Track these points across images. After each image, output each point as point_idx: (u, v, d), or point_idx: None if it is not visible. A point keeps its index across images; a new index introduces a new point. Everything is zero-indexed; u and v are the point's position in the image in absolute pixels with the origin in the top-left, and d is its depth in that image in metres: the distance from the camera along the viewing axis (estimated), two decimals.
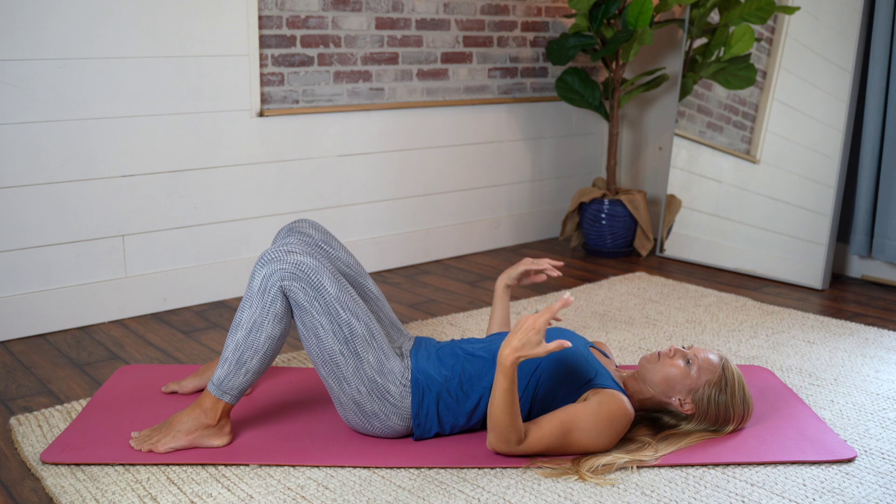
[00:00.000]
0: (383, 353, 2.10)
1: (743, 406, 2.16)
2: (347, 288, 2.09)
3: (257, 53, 3.39)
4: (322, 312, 2.04)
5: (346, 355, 2.06)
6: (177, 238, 3.31)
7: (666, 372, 2.13)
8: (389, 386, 2.10)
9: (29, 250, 2.99)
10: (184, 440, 2.10)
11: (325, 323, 2.04)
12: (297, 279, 2.02)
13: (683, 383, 2.12)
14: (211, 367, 2.43)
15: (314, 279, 2.02)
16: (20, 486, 2.00)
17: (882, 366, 2.73)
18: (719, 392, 2.12)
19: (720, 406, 2.13)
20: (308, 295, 2.03)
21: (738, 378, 2.15)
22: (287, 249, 2.04)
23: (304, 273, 2.02)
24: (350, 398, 2.11)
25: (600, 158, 4.70)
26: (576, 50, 4.06)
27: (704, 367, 2.13)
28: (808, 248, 3.67)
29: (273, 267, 2.02)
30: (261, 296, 2.03)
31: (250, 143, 3.44)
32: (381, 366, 2.09)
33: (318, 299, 2.03)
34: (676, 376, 2.12)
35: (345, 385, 2.09)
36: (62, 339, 3.00)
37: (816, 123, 3.67)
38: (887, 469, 2.07)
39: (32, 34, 2.89)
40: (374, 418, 2.12)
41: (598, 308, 3.30)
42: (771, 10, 3.74)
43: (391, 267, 3.92)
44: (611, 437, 2.06)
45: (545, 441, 2.03)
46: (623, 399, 2.07)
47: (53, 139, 2.99)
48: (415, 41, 3.86)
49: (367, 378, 2.08)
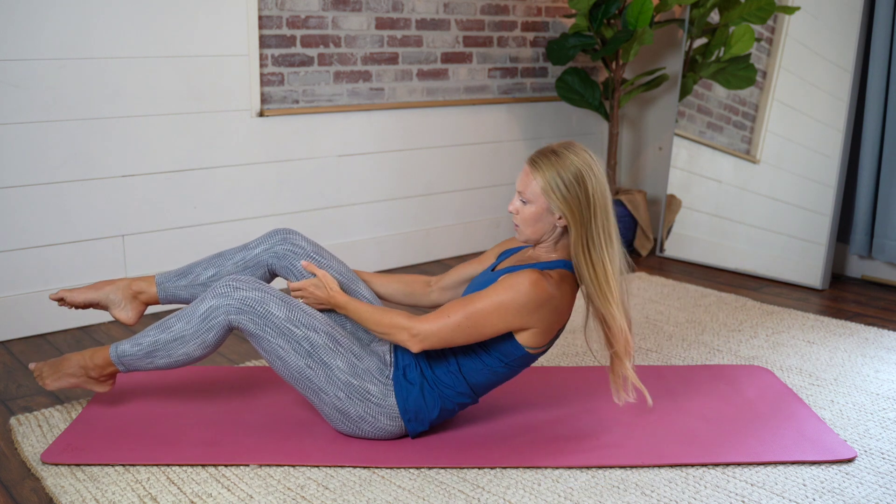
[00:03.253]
0: (353, 354, 2.12)
1: (588, 168, 2.06)
2: (298, 305, 2.12)
3: (257, 53, 3.39)
4: (277, 335, 2.08)
5: (313, 367, 2.09)
6: (177, 238, 3.31)
7: (526, 222, 2.10)
8: (368, 386, 2.11)
9: (29, 250, 2.99)
10: (67, 381, 2.25)
11: (282, 344, 2.08)
12: (243, 312, 2.08)
13: (538, 215, 2.08)
14: (113, 283, 2.38)
15: (260, 309, 2.08)
16: (20, 486, 2.00)
17: (882, 366, 2.73)
18: (561, 183, 2.04)
19: (570, 186, 2.04)
20: (257, 324, 2.08)
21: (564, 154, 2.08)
22: (235, 286, 2.10)
23: (250, 306, 2.08)
24: (332, 407, 2.12)
25: (600, 158, 4.70)
26: (576, 50, 4.06)
27: (533, 190, 2.07)
28: (807, 248, 3.67)
29: (220, 301, 2.09)
30: (200, 321, 2.11)
31: (250, 143, 3.44)
32: (353, 368, 2.10)
33: (268, 325, 2.08)
34: (530, 215, 2.08)
35: (323, 396, 2.11)
36: (62, 339, 3.00)
37: (816, 123, 3.67)
38: (887, 469, 2.07)
39: (32, 34, 2.89)
40: (362, 422, 2.13)
41: None
42: (771, 10, 3.74)
43: (391, 267, 3.92)
44: (519, 300, 2.01)
45: (450, 316, 2.03)
46: (527, 272, 2.03)
47: (53, 139, 2.99)
48: (415, 41, 3.86)
49: (341, 383, 2.09)
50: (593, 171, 2.06)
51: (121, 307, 2.34)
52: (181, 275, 2.35)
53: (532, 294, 2.01)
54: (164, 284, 2.35)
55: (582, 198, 2.05)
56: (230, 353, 2.86)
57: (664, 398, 2.45)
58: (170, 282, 2.34)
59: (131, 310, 2.35)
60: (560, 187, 2.05)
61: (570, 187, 2.05)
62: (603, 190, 2.07)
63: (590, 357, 2.80)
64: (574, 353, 2.83)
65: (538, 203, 2.07)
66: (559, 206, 2.05)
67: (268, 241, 2.35)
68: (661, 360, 2.77)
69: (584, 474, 2.04)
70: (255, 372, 2.66)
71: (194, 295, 2.33)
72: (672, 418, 2.31)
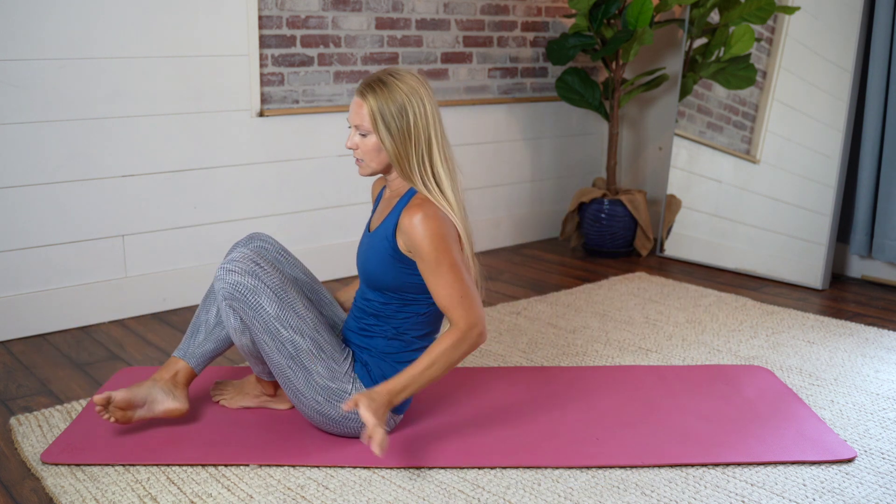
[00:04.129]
0: (333, 360, 2.11)
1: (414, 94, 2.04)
2: (291, 304, 2.08)
3: (257, 53, 3.39)
4: (263, 331, 2.07)
5: (294, 369, 2.09)
6: (177, 238, 3.31)
7: (369, 154, 2.09)
8: (345, 386, 2.11)
9: (29, 250, 2.99)
10: (248, 402, 2.38)
11: (268, 340, 2.07)
12: (235, 300, 2.06)
13: (379, 145, 2.06)
14: (142, 384, 2.21)
15: (251, 300, 2.05)
16: (20, 486, 2.00)
17: (882, 366, 2.73)
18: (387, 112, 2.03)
19: (395, 117, 2.04)
20: (247, 315, 2.07)
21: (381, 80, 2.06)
22: (228, 268, 2.07)
23: (242, 294, 2.05)
24: (313, 410, 2.13)
25: (600, 158, 4.70)
26: (576, 50, 4.06)
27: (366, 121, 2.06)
28: (807, 248, 3.67)
29: (217, 285, 2.09)
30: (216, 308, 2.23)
31: (250, 143, 3.44)
32: (331, 373, 2.10)
33: (257, 319, 2.06)
34: (373, 146, 2.07)
35: (302, 398, 2.12)
36: (62, 339, 3.00)
37: (816, 123, 3.67)
38: (887, 469, 2.07)
39: (32, 34, 2.89)
40: (346, 421, 2.13)
41: (598, 308, 3.30)
42: (771, 10, 3.74)
43: None
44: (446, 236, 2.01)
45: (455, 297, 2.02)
46: (417, 218, 2.01)
47: (53, 139, 2.99)
48: (415, 41, 3.86)
49: (320, 387, 2.10)
50: (420, 98, 2.05)
51: (170, 398, 2.19)
52: (192, 334, 2.26)
53: (439, 226, 2.01)
54: (188, 354, 2.23)
55: (403, 128, 2.04)
56: (230, 352, 2.86)
57: (664, 398, 2.45)
58: (190, 348, 2.24)
59: (180, 396, 2.20)
60: (387, 116, 2.03)
61: (393, 117, 2.04)
62: (427, 119, 2.05)
63: (589, 357, 2.80)
64: (574, 353, 2.83)
65: (374, 135, 2.07)
66: (386, 138, 2.05)
67: (236, 249, 2.27)
68: (661, 360, 2.77)
69: (584, 474, 2.04)
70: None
71: (219, 338, 2.25)
72: (672, 418, 2.31)
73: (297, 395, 2.12)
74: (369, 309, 2.17)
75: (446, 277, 2.02)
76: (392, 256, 2.09)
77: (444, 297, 2.03)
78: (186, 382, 2.23)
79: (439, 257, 2.01)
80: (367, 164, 2.13)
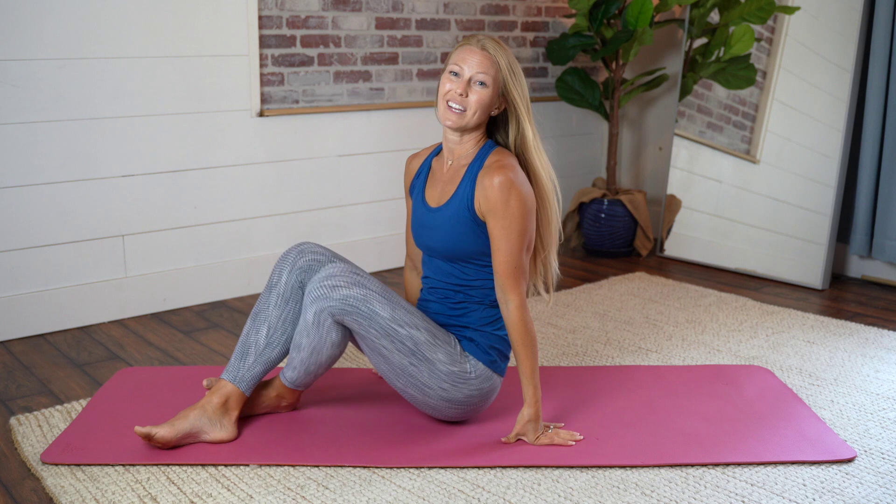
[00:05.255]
0: (447, 344, 2.13)
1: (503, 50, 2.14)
2: (398, 301, 2.10)
3: (257, 53, 3.39)
4: (381, 336, 2.07)
5: (417, 365, 2.10)
6: (177, 238, 3.31)
7: (481, 106, 2.11)
8: (464, 367, 2.14)
9: (29, 250, 2.99)
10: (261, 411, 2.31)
11: (386, 344, 2.08)
12: (347, 313, 2.05)
13: (492, 99, 2.12)
14: (194, 409, 2.16)
15: (364, 309, 2.05)
16: (20, 486, 2.00)
17: (882, 366, 2.73)
18: (513, 69, 2.12)
19: (518, 75, 2.13)
20: (362, 325, 2.06)
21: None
22: (332, 284, 2.05)
23: (353, 306, 2.04)
24: (439, 399, 2.14)
25: (600, 158, 4.70)
26: (576, 50, 4.06)
27: (493, 74, 2.10)
28: (808, 248, 3.67)
29: (322, 304, 2.05)
30: (316, 328, 2.08)
31: (250, 143, 3.44)
32: (450, 357, 2.12)
33: (372, 326, 2.06)
34: (487, 98, 2.10)
35: (427, 391, 2.13)
36: (62, 339, 3.00)
37: (816, 123, 3.67)
38: (887, 469, 2.07)
39: (32, 34, 2.89)
40: (469, 401, 2.16)
41: (598, 308, 3.30)
42: (771, 10, 3.74)
43: (391, 267, 3.91)
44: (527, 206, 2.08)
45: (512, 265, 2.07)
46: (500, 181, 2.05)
47: (53, 139, 2.99)
48: (415, 41, 3.86)
49: (444, 374, 2.11)
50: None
51: (217, 429, 2.14)
52: (242, 356, 2.19)
53: (523, 193, 2.07)
54: (238, 377, 2.17)
55: (524, 87, 2.15)
56: (230, 352, 2.86)
57: (664, 398, 2.45)
58: (241, 371, 2.18)
59: (228, 426, 2.16)
60: (514, 73, 2.12)
61: (519, 76, 2.13)
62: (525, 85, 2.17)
63: (589, 357, 2.80)
64: (574, 353, 2.83)
65: (493, 88, 2.11)
66: (518, 94, 2.12)
67: (287, 263, 2.24)
68: (661, 360, 2.77)
69: (584, 474, 2.04)
70: None
71: (268, 361, 2.20)
72: (672, 418, 2.31)
73: (421, 390, 2.13)
74: (454, 285, 2.19)
75: (514, 244, 2.06)
76: (473, 221, 2.12)
77: (503, 265, 2.07)
78: (237, 407, 2.17)
79: (514, 225, 2.06)
80: (469, 114, 2.12)
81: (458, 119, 2.11)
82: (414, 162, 2.36)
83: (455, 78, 2.10)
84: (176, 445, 2.12)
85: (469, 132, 2.16)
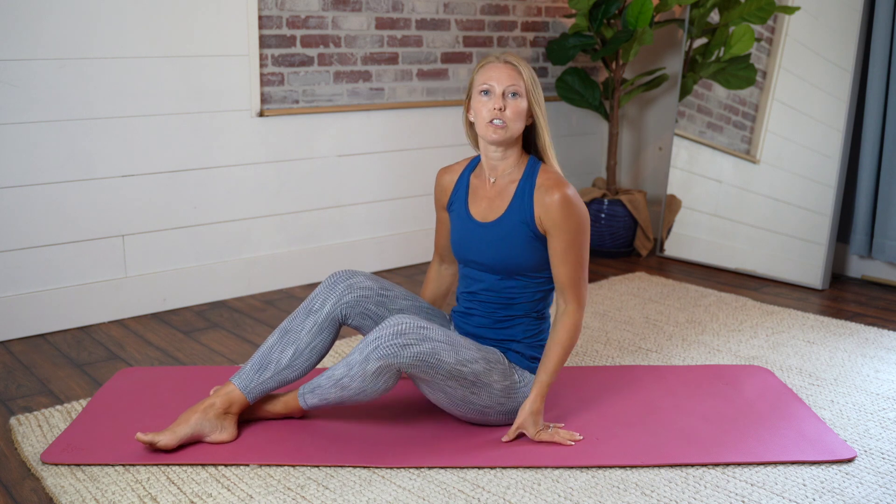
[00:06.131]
0: (498, 363, 2.17)
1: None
2: (457, 341, 2.10)
3: (257, 53, 3.39)
4: (446, 378, 2.09)
5: (478, 393, 2.14)
6: (177, 238, 3.31)
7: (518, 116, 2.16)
8: (514, 378, 2.19)
9: (29, 250, 2.99)
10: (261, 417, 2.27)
11: (451, 384, 2.10)
12: (417, 367, 2.06)
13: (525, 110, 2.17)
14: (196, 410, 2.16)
15: (432, 361, 2.05)
16: (20, 486, 2.00)
17: (882, 366, 2.73)
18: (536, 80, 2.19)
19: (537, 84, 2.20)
20: (427, 373, 2.07)
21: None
22: (403, 343, 2.02)
23: (423, 360, 2.04)
24: (498, 414, 2.20)
25: (600, 158, 4.70)
26: (576, 50, 4.06)
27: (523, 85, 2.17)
28: (808, 248, 3.67)
29: (390, 361, 2.03)
30: (374, 378, 2.06)
31: (250, 143, 3.44)
32: (503, 374, 2.17)
33: (440, 372, 2.07)
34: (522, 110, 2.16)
35: (487, 411, 2.18)
36: (62, 339, 3.00)
37: (816, 123, 3.67)
38: (887, 469, 2.07)
39: (32, 34, 2.89)
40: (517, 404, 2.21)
41: (598, 308, 3.30)
42: (771, 10, 3.74)
43: (391, 267, 3.91)
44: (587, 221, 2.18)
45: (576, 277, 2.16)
46: (560, 196, 2.14)
47: (53, 139, 2.99)
48: (415, 41, 3.86)
49: (500, 391, 2.16)
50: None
51: (217, 431, 2.15)
52: (260, 368, 2.17)
53: (582, 207, 2.17)
54: (249, 387, 2.17)
55: (542, 98, 2.22)
56: (230, 353, 2.86)
57: (664, 398, 2.45)
58: (253, 382, 2.17)
59: (229, 427, 2.16)
60: (535, 84, 2.19)
61: (539, 87, 2.20)
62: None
63: (589, 357, 2.80)
64: (574, 354, 2.83)
65: (526, 97, 2.17)
66: (537, 103, 2.18)
67: (333, 294, 2.21)
68: (661, 360, 2.77)
69: (584, 474, 2.04)
70: None
71: (283, 381, 2.19)
72: (672, 418, 2.31)
73: (482, 412, 2.18)
74: (503, 298, 2.22)
75: (578, 256, 2.14)
76: (534, 237, 2.17)
77: (568, 276, 2.14)
78: (239, 411, 2.19)
79: (578, 238, 2.14)
80: (510, 126, 2.16)
81: (503, 133, 2.15)
82: (448, 177, 2.38)
83: (488, 96, 2.16)
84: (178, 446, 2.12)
85: (511, 147, 2.21)
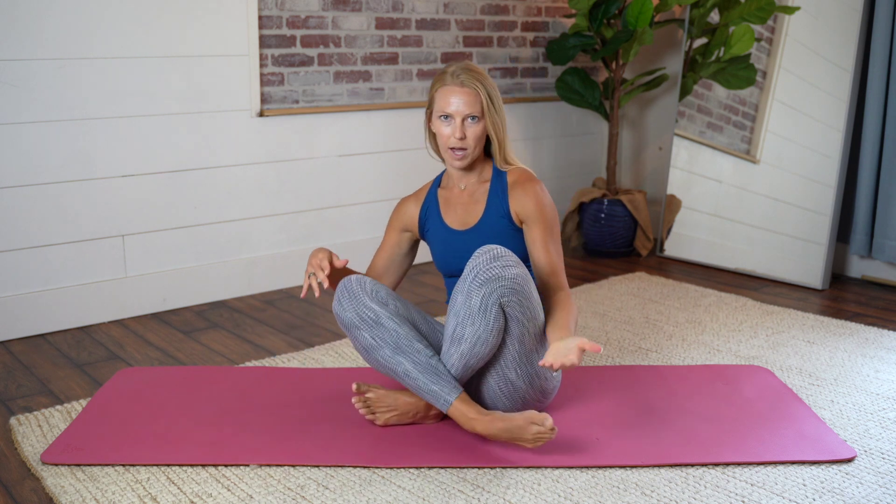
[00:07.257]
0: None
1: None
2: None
3: (257, 53, 3.39)
4: (530, 319, 2.09)
5: (539, 352, 2.15)
6: (177, 238, 3.31)
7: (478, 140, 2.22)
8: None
9: (29, 250, 3.00)
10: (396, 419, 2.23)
11: (531, 328, 2.10)
12: (515, 293, 2.03)
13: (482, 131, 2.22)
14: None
15: (526, 289, 2.06)
16: (20, 486, 2.00)
17: (882, 366, 2.73)
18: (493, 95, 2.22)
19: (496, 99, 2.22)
20: (522, 305, 2.06)
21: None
22: (503, 264, 2.01)
23: (520, 285, 2.04)
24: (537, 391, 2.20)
25: (600, 158, 4.70)
26: (576, 50, 4.06)
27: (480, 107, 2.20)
28: (807, 248, 3.67)
29: (492, 286, 2.01)
30: (483, 315, 2.02)
31: (250, 143, 3.44)
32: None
33: (528, 308, 2.07)
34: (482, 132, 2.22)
35: (535, 381, 2.18)
36: (62, 339, 3.00)
37: (816, 123, 3.67)
38: (887, 469, 2.07)
39: (32, 34, 2.89)
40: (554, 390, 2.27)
41: (598, 308, 3.30)
42: (771, 10, 3.74)
43: None
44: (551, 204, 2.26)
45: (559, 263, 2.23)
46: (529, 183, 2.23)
47: (53, 139, 2.99)
48: (415, 41, 3.86)
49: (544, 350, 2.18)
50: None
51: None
52: (436, 377, 2.10)
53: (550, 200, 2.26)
54: (454, 388, 2.11)
55: (502, 110, 2.25)
56: (230, 353, 2.86)
57: (664, 398, 2.45)
58: (448, 384, 2.10)
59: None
60: (493, 100, 2.21)
61: (497, 101, 2.22)
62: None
63: (589, 357, 2.80)
64: None
65: (484, 116, 2.21)
66: (493, 123, 2.22)
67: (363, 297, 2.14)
68: (661, 360, 2.78)
69: (584, 474, 2.04)
70: (254, 372, 2.66)
71: (450, 359, 2.10)
72: (672, 418, 2.31)
73: (531, 380, 2.17)
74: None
75: (556, 243, 2.21)
76: (514, 230, 2.25)
77: (551, 263, 2.20)
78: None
79: (553, 225, 2.24)
80: (471, 152, 2.23)
81: (464, 159, 2.24)
82: (412, 206, 2.39)
83: (447, 121, 2.21)
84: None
85: (472, 167, 2.31)
